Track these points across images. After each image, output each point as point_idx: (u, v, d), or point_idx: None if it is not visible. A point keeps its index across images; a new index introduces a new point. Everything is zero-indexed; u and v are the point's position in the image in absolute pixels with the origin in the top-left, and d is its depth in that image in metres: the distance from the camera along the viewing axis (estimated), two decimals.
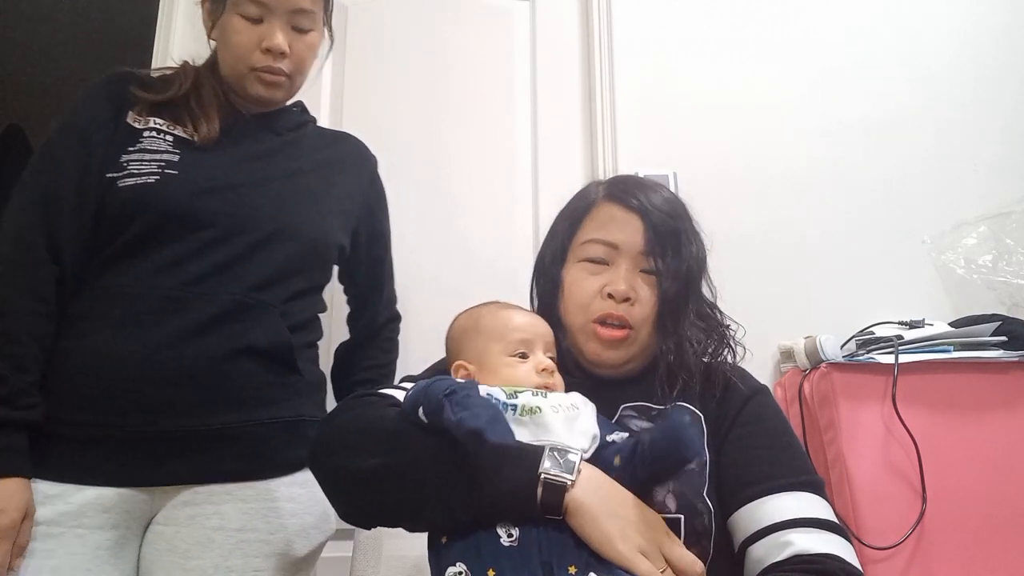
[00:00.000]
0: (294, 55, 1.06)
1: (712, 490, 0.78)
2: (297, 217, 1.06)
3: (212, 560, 0.92)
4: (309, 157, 1.13)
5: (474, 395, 0.70)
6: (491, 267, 1.60)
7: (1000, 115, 1.72)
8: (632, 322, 0.85)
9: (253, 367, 0.97)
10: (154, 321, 0.93)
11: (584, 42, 1.76)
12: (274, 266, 1.01)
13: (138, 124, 1.01)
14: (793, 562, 0.70)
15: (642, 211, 0.87)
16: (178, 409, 0.92)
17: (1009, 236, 1.55)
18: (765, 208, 1.62)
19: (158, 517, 0.94)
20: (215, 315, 0.95)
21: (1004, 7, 1.78)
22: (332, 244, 1.11)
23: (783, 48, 1.74)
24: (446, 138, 1.68)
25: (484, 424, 0.65)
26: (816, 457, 1.32)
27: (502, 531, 0.66)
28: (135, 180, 0.96)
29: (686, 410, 0.84)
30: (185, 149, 1.00)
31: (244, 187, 1.02)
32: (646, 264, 0.86)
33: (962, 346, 1.36)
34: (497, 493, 0.66)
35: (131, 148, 0.98)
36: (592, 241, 0.89)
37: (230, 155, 1.04)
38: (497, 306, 0.88)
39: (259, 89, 1.06)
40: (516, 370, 0.80)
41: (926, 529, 1.23)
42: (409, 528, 0.75)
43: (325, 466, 0.77)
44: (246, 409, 0.96)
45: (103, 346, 0.92)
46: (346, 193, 1.16)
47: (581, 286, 0.88)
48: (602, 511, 0.66)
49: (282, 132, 1.12)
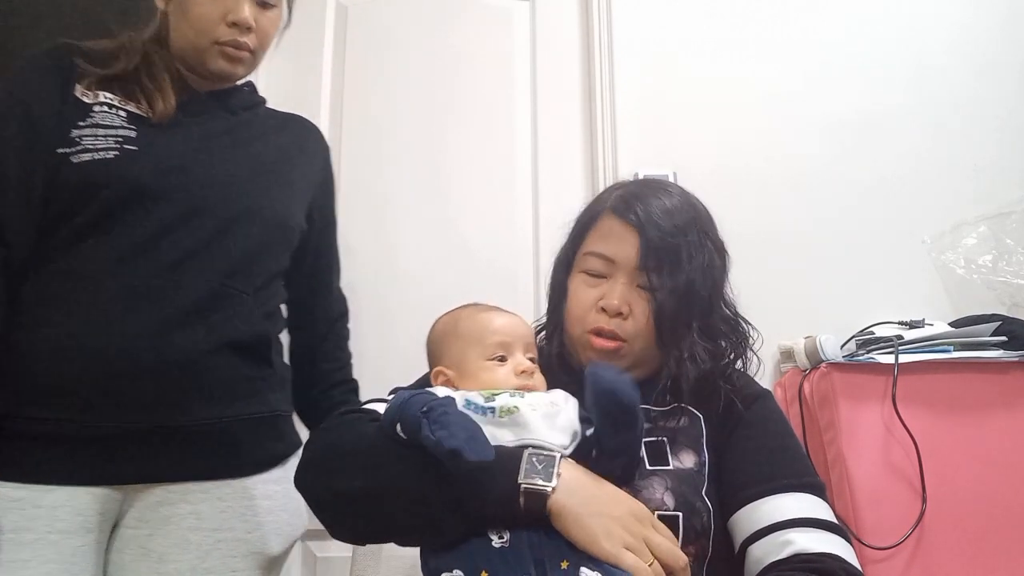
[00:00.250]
0: (259, 30, 1.03)
1: (712, 491, 0.78)
2: (263, 198, 1.02)
3: (189, 562, 0.88)
4: (268, 138, 1.09)
5: (451, 412, 0.68)
6: (491, 267, 1.61)
7: (1000, 115, 1.72)
8: (624, 335, 0.85)
9: (233, 361, 0.95)
10: (127, 310, 0.88)
11: (584, 42, 1.76)
12: (243, 250, 0.98)
13: (87, 98, 0.95)
14: (793, 561, 0.70)
15: (639, 227, 0.85)
16: (156, 404, 0.88)
17: (1009, 236, 1.55)
18: (765, 208, 1.62)
19: (127, 519, 0.89)
20: (193, 305, 0.91)
21: (1004, 7, 1.78)
22: (296, 227, 1.09)
23: (783, 48, 1.74)
24: (446, 138, 1.68)
25: (462, 443, 0.64)
26: (816, 457, 1.32)
27: (493, 534, 0.67)
28: (92, 156, 0.90)
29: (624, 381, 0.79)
30: (141, 125, 0.95)
31: (208, 166, 0.98)
32: (641, 279, 0.86)
33: (962, 346, 1.36)
34: (481, 505, 0.67)
35: (81, 123, 0.92)
36: (591, 254, 0.89)
37: (189, 133, 1.00)
38: (475, 308, 0.87)
39: (222, 64, 1.01)
40: (495, 373, 0.80)
41: (926, 529, 1.23)
42: (400, 544, 0.76)
43: (312, 488, 0.77)
44: (223, 404, 0.93)
45: (70, 337, 0.85)
46: (303, 175, 1.12)
47: (579, 297, 0.88)
48: (585, 512, 0.66)
49: (236, 111, 1.08)
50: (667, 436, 0.82)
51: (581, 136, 1.71)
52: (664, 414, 0.84)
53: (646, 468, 0.78)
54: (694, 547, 0.75)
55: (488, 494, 0.67)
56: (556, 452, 0.70)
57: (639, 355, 0.86)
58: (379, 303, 1.58)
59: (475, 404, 0.74)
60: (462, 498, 0.67)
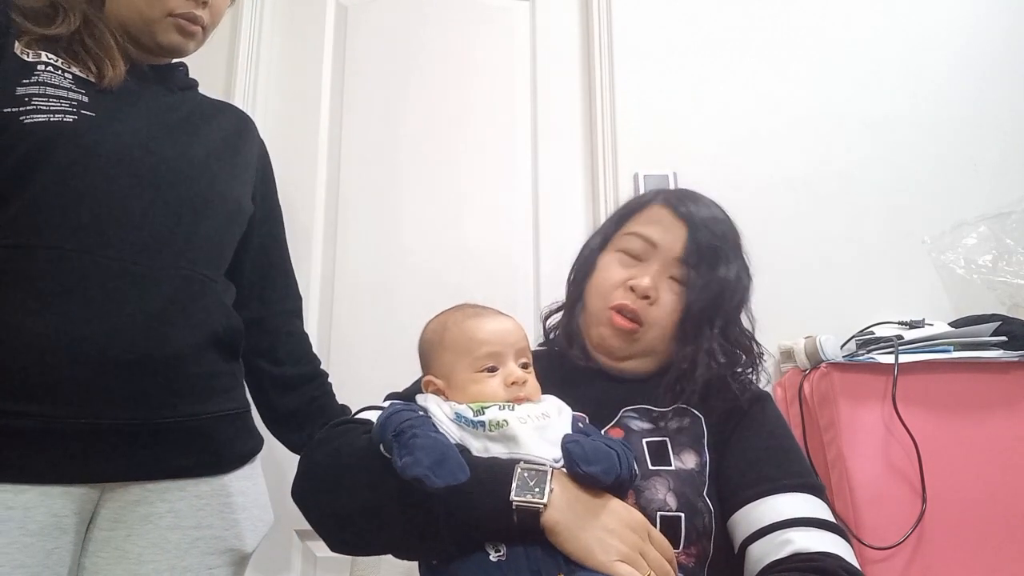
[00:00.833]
0: (212, 6, 1.00)
1: (713, 492, 0.78)
2: (219, 180, 0.99)
3: (167, 561, 0.86)
4: (213, 120, 1.06)
5: (420, 435, 0.67)
6: (491, 268, 1.61)
7: (1000, 115, 1.72)
8: (644, 320, 0.86)
9: (212, 356, 0.92)
10: (107, 297, 0.83)
11: (584, 42, 1.76)
12: (208, 235, 0.95)
13: (27, 56, 0.87)
14: (792, 560, 0.70)
15: (690, 221, 0.88)
16: (137, 400, 0.84)
17: (1009, 236, 1.55)
18: (765, 208, 1.62)
19: (101, 520, 0.85)
20: (171, 293, 0.88)
21: (1004, 7, 1.78)
22: (247, 209, 1.06)
23: (783, 48, 1.74)
24: (446, 138, 1.68)
25: (425, 469, 0.63)
26: (816, 457, 1.32)
27: (489, 548, 0.67)
28: (47, 117, 0.83)
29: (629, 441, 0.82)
30: (91, 91, 0.89)
31: (169, 143, 0.94)
32: (678, 271, 0.87)
33: (962, 346, 1.36)
34: (475, 522, 0.67)
35: (26, 81, 0.84)
36: (634, 234, 0.90)
37: (141, 105, 0.94)
38: (462, 315, 0.84)
39: (173, 37, 0.97)
40: (484, 386, 0.78)
41: (926, 529, 1.23)
42: (398, 557, 0.77)
43: (310, 506, 0.77)
44: (202, 401, 0.91)
45: (43, 325, 0.79)
46: (246, 160, 1.09)
47: (609, 273, 0.89)
48: (578, 525, 0.66)
49: (174, 90, 1.03)
50: (669, 436, 0.82)
51: (581, 136, 1.71)
52: (665, 414, 0.85)
53: (648, 468, 0.78)
54: (695, 548, 0.75)
55: (482, 511, 0.67)
56: (547, 467, 0.69)
57: (651, 344, 0.87)
58: (379, 303, 1.58)
59: (465, 418, 0.73)
60: (457, 515, 0.67)
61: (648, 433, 0.82)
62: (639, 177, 1.62)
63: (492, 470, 0.69)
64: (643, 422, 0.84)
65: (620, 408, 0.85)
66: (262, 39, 1.66)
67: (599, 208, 1.63)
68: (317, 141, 1.65)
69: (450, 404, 0.76)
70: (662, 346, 0.88)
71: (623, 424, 0.84)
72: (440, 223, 1.63)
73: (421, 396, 0.81)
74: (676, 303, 0.87)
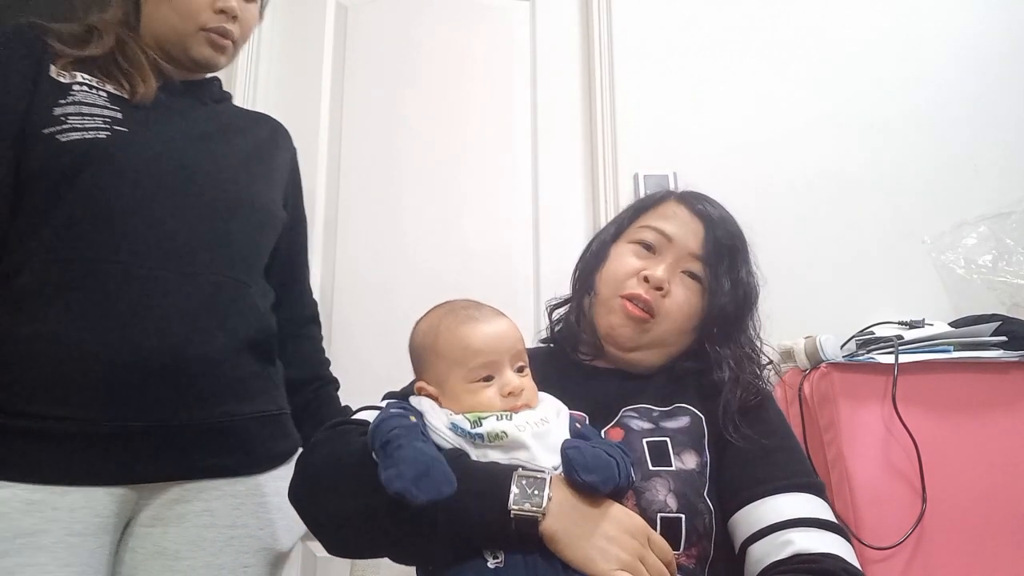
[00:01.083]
0: (242, 22, 1.03)
1: (713, 491, 0.78)
2: (253, 188, 1.02)
3: (203, 559, 0.88)
4: (247, 131, 1.09)
5: (406, 446, 0.66)
6: (491, 267, 1.61)
7: (1000, 115, 1.72)
8: (657, 311, 0.86)
9: (247, 358, 0.95)
10: (144, 304, 0.85)
11: (584, 42, 1.76)
12: (241, 240, 0.98)
13: (63, 78, 0.90)
14: (793, 561, 0.70)
15: (707, 219, 0.90)
16: (177, 402, 0.86)
17: (1009, 236, 1.55)
18: (765, 208, 1.61)
19: (141, 518, 0.88)
20: (206, 298, 0.90)
21: (1004, 7, 1.78)
22: (280, 217, 1.08)
23: (783, 48, 1.74)
24: (446, 138, 1.68)
25: (408, 484, 0.62)
26: (816, 457, 1.32)
27: (487, 554, 0.67)
28: (81, 135, 0.86)
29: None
30: (124, 107, 0.92)
31: (202, 154, 0.97)
32: (692, 266, 0.88)
33: (962, 346, 1.35)
34: (471, 530, 0.67)
35: (62, 101, 0.88)
36: (649, 227, 0.91)
37: (174, 120, 0.97)
38: (455, 320, 0.80)
39: (205, 51, 1.00)
40: (479, 396, 0.76)
41: (926, 529, 1.23)
42: (396, 561, 0.76)
43: (308, 507, 0.77)
44: (237, 402, 0.93)
45: (90, 330, 0.82)
46: (279, 168, 1.12)
47: (623, 262, 0.90)
48: (577, 533, 0.66)
49: (207, 103, 1.07)
50: (669, 436, 0.81)
51: (581, 136, 1.71)
52: (666, 414, 0.84)
53: (649, 469, 0.78)
54: (696, 549, 0.75)
55: (479, 519, 0.67)
56: (545, 475, 0.69)
57: (661, 336, 0.87)
58: (379, 303, 1.58)
59: (462, 429, 0.73)
60: (454, 522, 0.67)
61: (648, 433, 0.82)
62: (639, 177, 1.62)
63: (489, 477, 0.69)
64: (643, 422, 0.84)
65: (620, 408, 0.85)
66: (262, 39, 1.66)
67: (599, 208, 1.63)
68: (317, 141, 1.65)
69: (446, 412, 0.75)
70: (672, 339, 0.88)
71: (623, 424, 0.84)
72: (440, 223, 1.63)
73: (415, 399, 0.80)
74: (689, 298, 0.88)
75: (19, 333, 0.82)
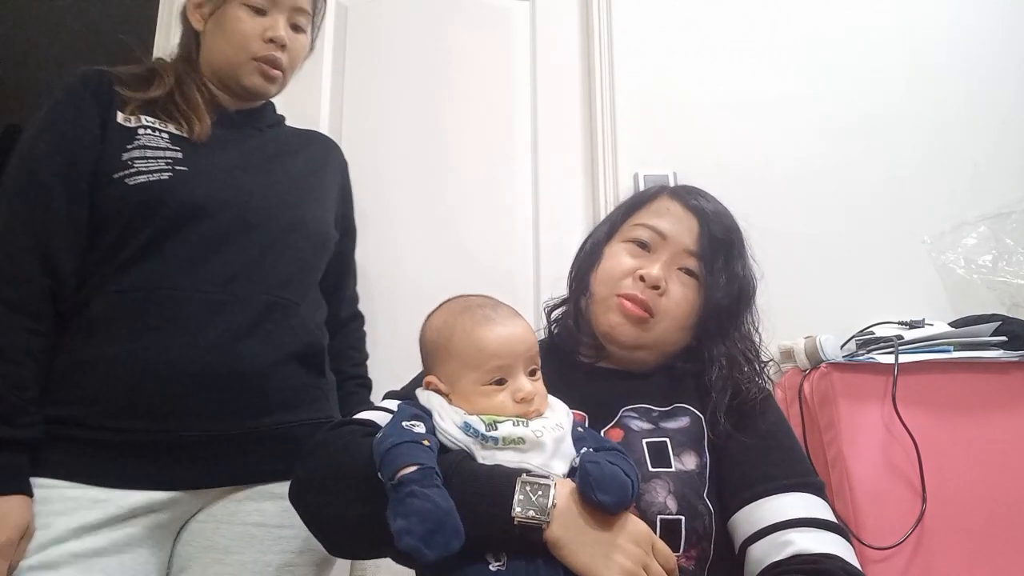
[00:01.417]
0: (291, 51, 1.08)
1: (713, 492, 0.78)
2: (305, 211, 1.08)
3: (251, 555, 0.94)
4: (298, 153, 1.15)
5: (418, 494, 0.64)
6: (490, 267, 1.60)
7: (1000, 115, 1.72)
8: (655, 310, 0.85)
9: (294, 370, 1.00)
10: (197, 324, 0.93)
11: (584, 42, 1.76)
12: (291, 262, 1.03)
13: (129, 123, 0.99)
14: (793, 562, 0.70)
15: (700, 214, 0.88)
16: (229, 413, 0.93)
17: (1009, 236, 1.55)
18: (765, 208, 1.61)
19: (198, 516, 0.96)
20: (254, 317, 0.96)
21: (1005, 6, 1.78)
22: (332, 237, 1.14)
23: (783, 48, 1.74)
24: (446, 138, 1.68)
25: (418, 541, 0.61)
26: (816, 457, 1.32)
27: (490, 557, 0.67)
28: (147, 177, 0.95)
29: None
30: (184, 146, 1.00)
31: (253, 183, 1.03)
32: (688, 262, 0.87)
33: (962, 346, 1.36)
34: (475, 534, 0.66)
35: (129, 146, 0.97)
36: (642, 225, 0.90)
37: (229, 151, 1.04)
38: (471, 321, 0.79)
39: (256, 79, 1.06)
40: (492, 399, 0.75)
41: (926, 529, 1.23)
42: (397, 563, 0.76)
43: (307, 508, 0.77)
44: (286, 411, 0.98)
45: (149, 350, 0.90)
46: (329, 187, 1.18)
47: (617, 261, 0.89)
48: (582, 541, 0.66)
49: (263, 128, 1.14)
50: (669, 437, 0.81)
51: (581, 136, 1.71)
52: (666, 414, 0.84)
53: (649, 470, 0.78)
54: (696, 550, 0.75)
55: (483, 524, 0.66)
56: (550, 481, 0.68)
57: (661, 335, 0.87)
58: (378, 304, 1.57)
59: (475, 430, 0.72)
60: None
61: (648, 434, 0.82)
62: (639, 177, 1.62)
63: (494, 482, 0.68)
64: (643, 422, 0.83)
65: (619, 408, 0.85)
66: None
67: (599, 208, 1.63)
68: None
69: (457, 412, 0.75)
70: (672, 337, 0.87)
71: (623, 424, 0.83)
72: (439, 223, 1.63)
73: (423, 393, 0.80)
74: (686, 295, 0.87)
75: (91, 355, 0.91)
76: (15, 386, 0.86)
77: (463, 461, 0.71)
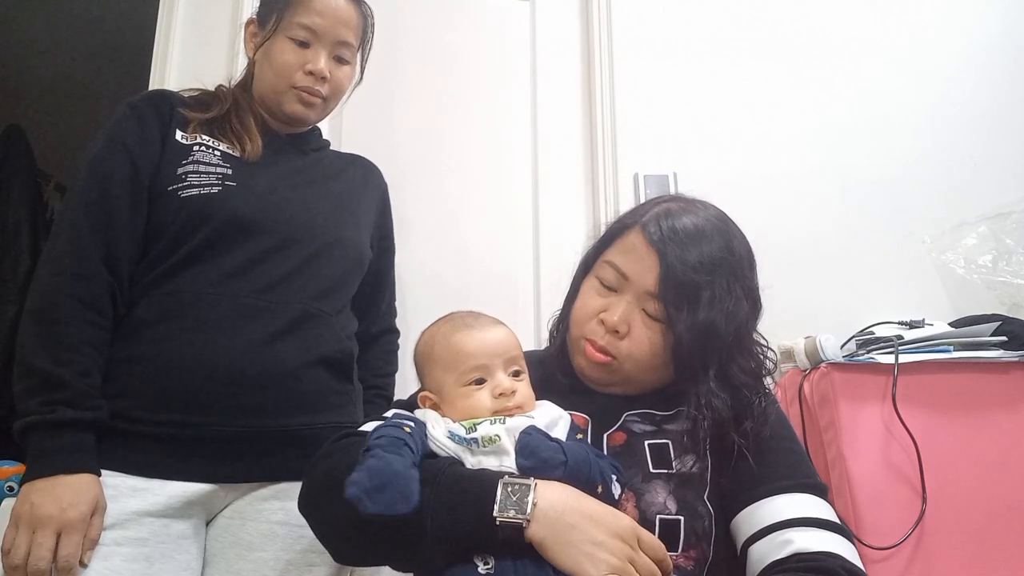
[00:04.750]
0: (332, 81, 1.14)
1: (714, 494, 0.78)
2: (344, 230, 1.14)
3: (274, 552, 0.99)
4: (340, 176, 1.22)
5: (377, 455, 0.68)
6: (491, 268, 1.61)
7: (1000, 115, 1.72)
8: (616, 354, 0.83)
9: (324, 375, 1.05)
10: (233, 327, 0.98)
11: (584, 42, 1.76)
12: (327, 276, 1.09)
13: (186, 140, 1.07)
14: (793, 560, 0.70)
15: (661, 254, 0.81)
16: (260, 411, 0.98)
17: (1009, 236, 1.55)
18: (765, 208, 1.62)
19: (226, 511, 1.00)
20: (288, 323, 1.02)
21: (1005, 7, 1.78)
22: (367, 256, 1.20)
23: (783, 48, 1.74)
24: (446, 138, 1.68)
25: (361, 492, 0.65)
26: (816, 457, 1.32)
27: (478, 560, 0.68)
28: (198, 191, 1.02)
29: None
30: (234, 163, 1.07)
31: (296, 202, 1.10)
32: (651, 306, 0.83)
33: (962, 346, 1.36)
34: (459, 537, 0.67)
35: (184, 162, 1.04)
36: (609, 263, 0.87)
37: (275, 171, 1.11)
38: (451, 327, 0.83)
39: (295, 106, 1.12)
40: (472, 399, 0.78)
41: (926, 529, 1.23)
42: (395, 569, 0.78)
43: (313, 515, 0.79)
44: (315, 413, 1.03)
45: (187, 349, 0.96)
46: (368, 209, 1.24)
47: (585, 302, 0.88)
48: (564, 540, 0.66)
49: (308, 152, 1.20)
50: (671, 439, 0.82)
51: (581, 136, 1.71)
52: (669, 417, 0.85)
53: (650, 471, 0.78)
54: (695, 551, 0.75)
55: (466, 526, 0.67)
56: (531, 481, 0.69)
57: (630, 374, 0.84)
58: None
59: (458, 436, 0.74)
60: (442, 530, 0.68)
61: (650, 435, 0.82)
62: (639, 177, 1.62)
63: (476, 484, 0.69)
64: (645, 424, 0.84)
65: (623, 412, 0.85)
66: None
67: (599, 209, 1.63)
68: None
69: (445, 421, 0.77)
70: (643, 377, 0.85)
71: (626, 427, 0.84)
72: (439, 224, 1.63)
73: (420, 411, 0.82)
74: (651, 337, 0.82)
75: (133, 354, 0.97)
76: (80, 373, 0.91)
77: (451, 466, 0.72)
